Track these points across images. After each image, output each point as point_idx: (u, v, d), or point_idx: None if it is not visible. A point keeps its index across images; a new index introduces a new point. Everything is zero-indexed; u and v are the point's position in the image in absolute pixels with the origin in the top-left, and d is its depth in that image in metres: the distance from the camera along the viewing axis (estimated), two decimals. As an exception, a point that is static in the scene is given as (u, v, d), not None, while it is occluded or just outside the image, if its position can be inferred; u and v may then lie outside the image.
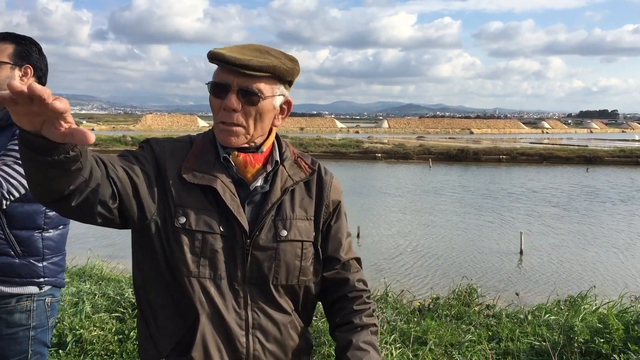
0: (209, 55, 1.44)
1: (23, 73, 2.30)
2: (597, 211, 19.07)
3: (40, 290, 2.26)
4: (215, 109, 1.47)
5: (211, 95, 1.46)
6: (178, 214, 1.42)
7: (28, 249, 2.20)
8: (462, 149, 40.89)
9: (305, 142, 43.48)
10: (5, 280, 2.18)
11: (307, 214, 1.56)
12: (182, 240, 1.41)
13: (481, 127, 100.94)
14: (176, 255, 1.41)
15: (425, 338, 4.54)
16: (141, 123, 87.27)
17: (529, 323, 5.05)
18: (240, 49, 1.46)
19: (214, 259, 1.43)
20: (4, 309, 2.20)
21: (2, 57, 2.26)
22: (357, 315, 1.57)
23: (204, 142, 1.52)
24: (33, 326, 2.26)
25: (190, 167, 1.46)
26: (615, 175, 31.42)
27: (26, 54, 2.31)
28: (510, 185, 26.30)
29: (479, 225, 16.09)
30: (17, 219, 2.17)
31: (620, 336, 4.21)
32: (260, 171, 1.51)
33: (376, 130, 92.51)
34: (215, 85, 1.45)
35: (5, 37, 2.31)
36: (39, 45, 2.38)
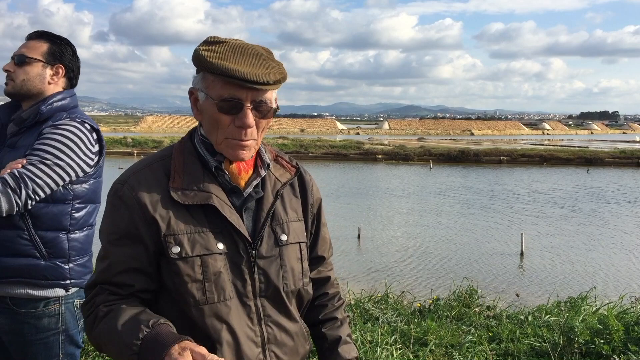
0: (217, 71, 1.33)
1: (54, 72, 2.29)
2: (603, 212, 19.07)
3: (67, 292, 2.21)
4: (223, 124, 1.37)
5: (217, 112, 1.36)
6: (170, 245, 1.35)
7: (54, 251, 2.16)
8: (463, 151, 40.90)
9: (306, 144, 43.49)
10: (31, 283, 2.13)
11: (298, 214, 1.56)
12: (182, 271, 1.34)
13: (482, 129, 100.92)
14: (179, 287, 1.35)
15: (425, 339, 4.54)
16: (142, 124, 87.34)
17: (529, 324, 5.06)
18: (246, 61, 1.36)
19: (219, 280, 1.37)
20: (32, 314, 2.16)
21: (34, 54, 2.25)
22: (338, 311, 1.67)
23: (184, 154, 1.44)
24: (63, 329, 2.22)
25: (178, 187, 1.37)
26: (618, 176, 31.41)
27: (59, 54, 2.30)
28: (515, 186, 26.29)
29: (479, 226, 16.10)
30: (42, 220, 2.13)
31: (620, 337, 4.21)
32: (251, 177, 1.47)
33: (377, 131, 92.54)
34: (229, 101, 1.35)
35: (41, 35, 2.31)
36: (74, 46, 2.38)
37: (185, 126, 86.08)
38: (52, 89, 2.28)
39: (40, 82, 2.25)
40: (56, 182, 2.10)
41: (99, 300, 1.36)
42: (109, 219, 1.39)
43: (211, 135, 1.41)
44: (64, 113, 2.24)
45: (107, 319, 1.31)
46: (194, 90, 1.43)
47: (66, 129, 2.16)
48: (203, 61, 1.35)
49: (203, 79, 1.38)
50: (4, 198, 1.98)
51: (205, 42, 1.42)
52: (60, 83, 2.32)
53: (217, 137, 1.39)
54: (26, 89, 2.24)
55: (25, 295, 2.14)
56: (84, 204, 2.24)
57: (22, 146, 2.16)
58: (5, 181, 1.99)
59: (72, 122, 2.19)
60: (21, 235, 2.11)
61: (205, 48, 1.38)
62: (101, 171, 2.35)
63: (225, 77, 1.32)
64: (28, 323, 2.16)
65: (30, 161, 2.06)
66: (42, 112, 2.19)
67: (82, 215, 2.24)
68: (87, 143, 2.20)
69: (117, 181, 1.41)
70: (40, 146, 2.10)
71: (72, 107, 2.30)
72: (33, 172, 2.04)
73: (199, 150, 1.45)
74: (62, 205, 2.17)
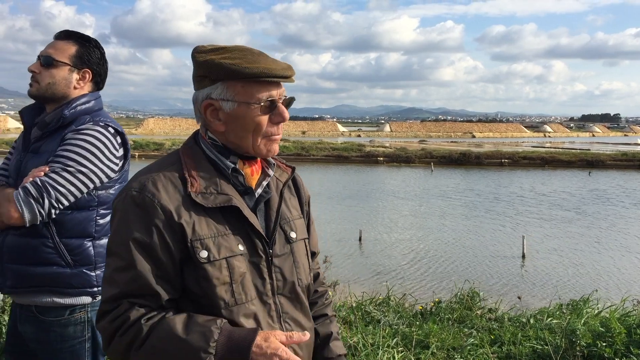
0: (258, 74, 1.36)
1: (81, 77, 2.22)
2: (607, 214, 19.04)
3: (95, 299, 2.15)
4: (263, 125, 1.41)
5: (258, 114, 1.40)
6: (197, 249, 1.35)
7: (79, 258, 2.10)
8: (464, 153, 40.90)
9: (307, 146, 43.50)
10: (57, 291, 2.08)
11: (298, 212, 1.62)
12: (211, 275, 1.35)
13: (483, 131, 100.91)
14: (208, 291, 1.35)
15: (427, 342, 4.54)
16: (143, 127, 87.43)
17: (531, 327, 5.05)
18: (264, 59, 1.40)
19: (244, 281, 1.39)
20: (57, 322, 2.11)
21: (62, 57, 2.18)
22: (328, 308, 1.72)
23: (194, 157, 1.45)
24: (89, 337, 2.16)
25: (197, 191, 1.38)
26: (624, 179, 31.35)
27: (87, 58, 2.22)
28: (516, 188, 26.27)
29: (480, 228, 16.08)
30: (67, 227, 2.07)
31: (623, 340, 4.21)
32: (259, 178, 1.51)
33: (378, 134, 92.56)
34: (269, 101, 1.40)
35: (70, 36, 2.23)
36: (102, 49, 2.30)
37: (186, 128, 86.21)
38: (77, 93, 2.21)
39: (66, 86, 2.18)
40: (80, 190, 2.05)
41: (133, 316, 1.30)
42: (127, 227, 1.34)
43: (245, 140, 1.42)
44: (87, 116, 2.17)
45: (159, 332, 1.28)
46: (214, 102, 1.41)
47: (89, 134, 2.10)
48: (230, 69, 1.36)
49: (229, 87, 1.38)
50: (27, 208, 1.95)
51: (209, 51, 1.42)
52: (87, 87, 2.25)
53: (255, 139, 1.42)
54: (51, 93, 2.18)
55: (51, 304, 2.09)
56: (108, 210, 2.17)
57: (45, 151, 2.11)
58: (28, 190, 1.96)
59: (95, 127, 2.13)
60: (45, 243, 2.06)
61: (221, 56, 1.39)
62: (127, 175, 2.27)
63: (264, 78, 1.37)
64: (54, 331, 2.11)
65: (53, 169, 2.01)
66: (66, 116, 2.13)
67: (108, 221, 2.17)
68: (111, 148, 2.14)
69: (131, 188, 1.37)
70: (63, 153, 2.04)
71: (96, 109, 2.23)
72: (56, 181, 1.99)
73: (208, 153, 1.46)
74: (87, 211, 2.11)
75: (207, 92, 1.41)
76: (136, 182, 1.38)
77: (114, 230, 1.38)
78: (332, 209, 19.15)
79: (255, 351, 1.25)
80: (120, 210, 1.37)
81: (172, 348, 1.26)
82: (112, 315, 1.32)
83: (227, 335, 1.27)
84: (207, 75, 1.40)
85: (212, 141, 1.46)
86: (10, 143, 40.91)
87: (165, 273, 1.34)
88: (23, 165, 2.14)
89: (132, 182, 1.40)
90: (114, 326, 1.31)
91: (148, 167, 1.45)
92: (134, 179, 1.41)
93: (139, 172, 1.45)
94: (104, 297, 1.35)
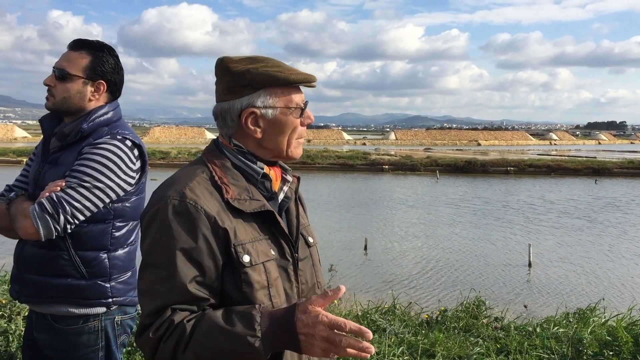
0: (297, 81, 1.46)
1: (95, 89, 2.23)
2: (618, 222, 18.89)
3: (109, 309, 2.18)
4: (297, 128, 1.51)
5: (296, 117, 1.50)
6: (240, 254, 1.38)
7: (94, 270, 2.13)
8: (470, 161, 40.81)
9: (313, 154, 43.53)
10: (72, 302, 2.11)
11: (308, 218, 1.69)
12: (252, 279, 1.38)
13: (488, 139, 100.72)
14: (250, 295, 1.37)
15: (433, 350, 4.53)
16: (149, 135, 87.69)
17: (537, 336, 5.03)
18: (293, 67, 1.51)
19: (278, 285, 1.43)
20: (71, 331, 2.14)
21: (75, 70, 2.19)
22: None
23: (222, 165, 1.47)
24: (102, 346, 2.18)
25: (233, 197, 1.41)
26: (632, 186, 31.17)
27: (100, 69, 2.23)
28: (524, 196, 26.17)
29: (486, 236, 16.03)
30: (82, 240, 2.10)
31: (630, 349, 4.19)
32: (279, 183, 1.57)
33: (383, 142, 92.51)
34: (304, 106, 1.52)
35: (83, 47, 2.23)
36: (117, 56, 2.30)
37: (192, 137, 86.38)
38: (92, 105, 2.22)
39: (81, 99, 2.20)
40: (96, 205, 2.07)
41: (177, 319, 1.30)
42: (170, 236, 1.33)
43: (282, 144, 1.50)
44: (105, 128, 2.18)
45: (202, 328, 1.28)
46: (256, 109, 1.46)
47: (106, 148, 2.11)
48: (276, 76, 1.45)
49: (270, 94, 1.46)
50: (42, 224, 1.97)
51: (242, 60, 1.48)
52: (102, 99, 2.26)
53: (290, 142, 1.51)
54: (67, 107, 2.20)
55: (66, 313, 2.13)
56: (125, 222, 2.20)
57: (64, 163, 2.13)
58: (44, 206, 1.98)
59: (112, 141, 2.14)
60: (61, 256, 2.09)
61: (260, 65, 1.46)
62: (144, 187, 2.30)
63: (307, 84, 1.50)
64: (68, 339, 2.14)
65: (70, 184, 2.03)
66: (84, 129, 2.15)
67: (123, 233, 2.20)
68: (128, 162, 2.14)
69: (169, 197, 1.37)
70: (80, 167, 2.06)
71: (114, 120, 2.24)
72: (71, 196, 2.01)
73: (234, 160, 1.49)
74: (103, 224, 2.14)
75: (248, 100, 1.46)
76: (172, 191, 1.38)
77: (153, 240, 1.36)
78: (338, 217, 19.13)
79: (299, 325, 1.25)
80: (159, 220, 1.36)
81: (219, 340, 1.26)
82: (154, 326, 1.31)
83: (269, 317, 1.28)
84: (249, 84, 1.45)
85: (238, 148, 1.50)
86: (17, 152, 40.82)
87: (209, 279, 1.35)
88: (41, 175, 2.17)
89: (166, 192, 1.39)
90: (157, 335, 1.30)
91: (175, 177, 1.45)
92: (166, 189, 1.40)
93: (166, 182, 1.45)
94: (144, 310, 1.34)
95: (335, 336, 1.24)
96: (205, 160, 1.48)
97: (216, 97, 1.53)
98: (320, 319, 1.25)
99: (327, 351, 1.26)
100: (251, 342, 1.24)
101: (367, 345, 1.24)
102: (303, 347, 1.26)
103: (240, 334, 1.25)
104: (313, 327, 1.24)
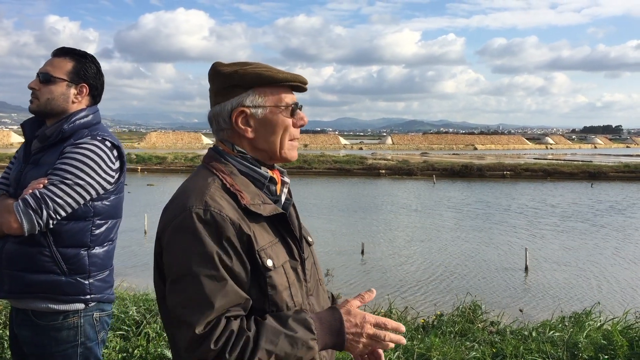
0: (284, 80, 1.49)
1: (78, 91, 2.32)
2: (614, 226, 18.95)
3: (87, 306, 2.24)
4: (289, 127, 1.52)
5: (286, 117, 1.51)
6: (264, 258, 1.39)
7: (74, 267, 2.19)
8: (466, 165, 40.91)
9: (309, 159, 43.55)
10: (52, 297, 2.17)
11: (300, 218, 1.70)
12: (276, 281, 1.40)
13: (485, 143, 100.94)
14: (275, 297, 1.40)
15: (429, 355, 4.52)
16: (146, 141, 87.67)
17: (533, 340, 5.03)
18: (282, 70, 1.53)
19: (296, 284, 1.47)
20: (51, 326, 2.19)
21: (59, 73, 2.28)
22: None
23: (229, 172, 1.47)
24: (81, 342, 2.24)
25: (249, 203, 1.41)
26: (628, 190, 31.24)
27: (84, 73, 2.33)
28: (524, 200, 26.24)
29: (484, 240, 16.05)
30: (63, 237, 2.16)
31: (625, 352, 4.20)
32: (280, 185, 1.58)
33: (380, 146, 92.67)
34: (294, 106, 1.52)
35: (66, 53, 2.34)
36: (99, 64, 2.41)
37: (188, 142, 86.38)
38: (75, 108, 2.31)
39: (64, 101, 2.29)
40: (77, 202, 2.14)
41: (235, 327, 1.30)
42: (201, 245, 1.32)
43: (274, 144, 1.51)
44: (85, 130, 2.27)
45: (267, 336, 1.30)
46: (246, 109, 1.48)
47: (86, 147, 2.19)
48: (264, 74, 1.48)
49: (259, 94, 1.49)
50: (26, 219, 2.03)
51: (232, 64, 1.51)
52: (84, 101, 2.35)
53: (282, 142, 1.52)
54: (50, 108, 2.28)
55: (46, 309, 2.18)
56: (104, 220, 2.28)
57: (45, 164, 2.20)
58: (27, 202, 2.04)
59: (92, 141, 2.22)
60: (43, 252, 2.14)
61: (249, 66, 1.49)
62: (122, 187, 2.39)
63: (294, 82, 1.51)
64: (48, 335, 2.20)
65: (52, 181, 2.10)
66: (65, 130, 2.23)
67: (102, 231, 2.27)
68: (107, 161, 2.23)
69: (193, 205, 1.36)
70: (61, 166, 2.13)
71: (94, 123, 2.33)
72: (54, 192, 2.07)
73: (240, 167, 1.50)
74: (83, 222, 2.20)
75: (238, 100, 1.48)
76: (193, 200, 1.37)
77: (184, 251, 1.34)
78: (335, 221, 19.14)
79: (347, 326, 1.38)
80: (187, 230, 1.34)
81: (284, 345, 1.31)
82: (214, 337, 1.28)
83: (319, 320, 1.38)
84: (238, 84, 1.48)
85: (241, 154, 1.51)
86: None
87: (243, 284, 1.36)
88: (23, 176, 2.23)
89: (186, 202, 1.37)
90: (219, 347, 1.27)
91: (188, 187, 1.45)
92: (185, 199, 1.39)
93: (179, 193, 1.44)
94: (195, 321, 1.28)
95: (381, 333, 1.39)
96: (211, 168, 1.48)
97: (210, 103, 1.55)
98: (367, 319, 1.40)
99: (368, 346, 1.41)
100: (312, 345, 1.34)
101: (401, 338, 1.44)
102: (347, 346, 1.39)
103: (303, 339, 1.33)
104: (361, 327, 1.38)
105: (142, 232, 16.22)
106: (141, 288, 7.81)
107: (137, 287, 8.04)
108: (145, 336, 4.67)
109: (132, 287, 8.17)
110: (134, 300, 5.92)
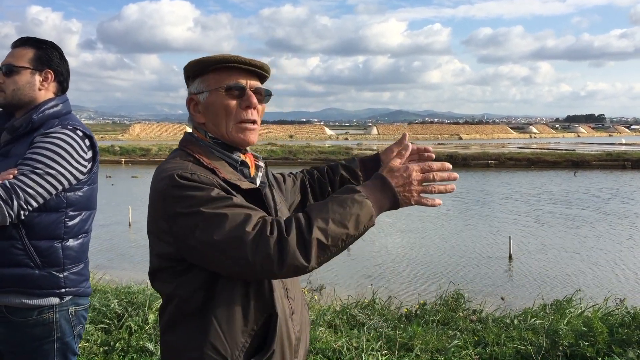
0: (219, 60, 1.52)
1: (43, 78, 2.29)
2: (595, 215, 19.17)
3: (62, 300, 2.20)
4: (231, 109, 1.53)
5: (225, 98, 1.53)
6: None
7: (48, 260, 2.15)
8: (451, 155, 41.06)
9: (295, 150, 43.49)
10: (25, 292, 2.12)
11: (282, 199, 1.77)
12: None
13: (470, 133, 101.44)
14: None
15: (411, 344, 4.54)
16: (129, 132, 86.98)
17: (514, 327, 5.07)
18: (239, 55, 1.57)
19: None
20: (26, 323, 2.15)
21: (21, 62, 2.24)
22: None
23: (205, 153, 1.54)
24: (57, 337, 2.21)
25: (228, 177, 1.48)
26: (612, 179, 31.56)
27: (47, 59, 2.29)
28: (505, 189, 26.42)
29: (467, 229, 16.15)
30: (36, 229, 2.12)
31: (605, 339, 4.24)
32: (254, 169, 1.65)
33: (365, 136, 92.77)
34: (234, 87, 1.53)
35: (26, 42, 2.30)
36: (60, 49, 2.37)
37: (173, 134, 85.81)
38: (43, 95, 2.28)
39: (31, 89, 2.25)
40: (48, 192, 2.09)
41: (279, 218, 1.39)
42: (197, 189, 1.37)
43: (220, 127, 1.55)
44: (55, 120, 2.23)
45: (315, 210, 1.37)
46: (194, 96, 1.58)
47: (57, 137, 2.15)
48: (206, 61, 1.53)
49: (203, 80, 1.55)
50: None
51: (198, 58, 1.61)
52: (51, 88, 2.32)
53: (227, 124, 1.54)
54: (17, 99, 2.24)
55: (20, 304, 2.13)
56: (77, 212, 2.24)
57: (15, 155, 2.15)
58: None
59: (63, 130, 2.18)
60: (15, 245, 2.10)
61: (204, 56, 1.57)
62: (96, 177, 2.35)
63: (230, 63, 1.52)
64: (23, 331, 2.15)
65: (22, 171, 2.05)
66: (34, 120, 2.19)
67: (76, 222, 2.23)
68: (79, 150, 2.19)
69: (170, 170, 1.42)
70: (32, 155, 2.09)
71: (64, 113, 2.29)
72: (24, 183, 2.02)
73: (214, 151, 1.56)
74: (56, 213, 2.16)
75: (189, 90, 1.60)
76: (177, 171, 1.42)
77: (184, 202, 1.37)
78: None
79: (395, 182, 1.44)
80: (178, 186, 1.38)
81: (336, 207, 1.36)
82: (266, 229, 1.34)
83: (362, 186, 1.45)
84: (189, 74, 1.59)
85: (213, 139, 1.57)
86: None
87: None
88: None
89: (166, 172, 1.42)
90: (275, 234, 1.33)
91: (166, 167, 1.48)
92: (165, 172, 1.43)
93: (158, 171, 1.48)
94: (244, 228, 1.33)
95: (429, 174, 1.47)
96: (188, 150, 1.55)
97: None
98: (411, 167, 1.46)
99: (421, 192, 1.47)
100: (359, 199, 1.38)
101: (451, 172, 1.53)
102: (402, 198, 1.44)
103: (351, 196, 1.38)
104: (408, 177, 1.45)
105: (126, 225, 16.09)
106: (123, 281, 7.76)
107: (119, 280, 7.98)
108: (127, 329, 4.64)
109: (114, 280, 8.11)
110: (115, 293, 5.87)
